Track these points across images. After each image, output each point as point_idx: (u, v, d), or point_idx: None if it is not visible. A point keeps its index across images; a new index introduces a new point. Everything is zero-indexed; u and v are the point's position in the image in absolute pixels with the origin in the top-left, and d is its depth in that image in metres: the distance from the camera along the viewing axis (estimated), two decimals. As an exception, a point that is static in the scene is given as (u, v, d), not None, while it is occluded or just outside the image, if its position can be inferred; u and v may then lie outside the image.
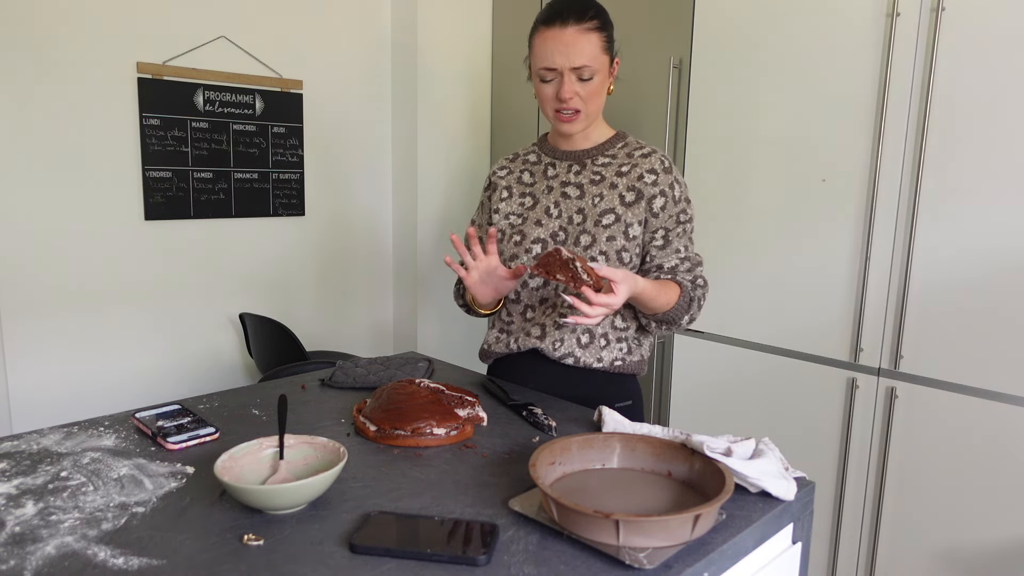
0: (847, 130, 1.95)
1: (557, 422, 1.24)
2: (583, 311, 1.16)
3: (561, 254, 1.16)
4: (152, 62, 2.39)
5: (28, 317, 2.26)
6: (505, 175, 1.54)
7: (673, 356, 2.40)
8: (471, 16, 2.98)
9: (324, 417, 1.25)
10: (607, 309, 1.17)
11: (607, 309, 1.17)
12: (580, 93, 1.35)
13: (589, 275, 1.15)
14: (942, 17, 1.76)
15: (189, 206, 2.52)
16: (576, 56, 1.32)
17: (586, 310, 1.16)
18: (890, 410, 1.93)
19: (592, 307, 1.16)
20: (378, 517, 0.88)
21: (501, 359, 1.54)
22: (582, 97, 1.36)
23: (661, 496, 0.94)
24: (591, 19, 1.33)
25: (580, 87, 1.35)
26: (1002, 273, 1.73)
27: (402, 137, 3.00)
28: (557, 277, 1.15)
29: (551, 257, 1.16)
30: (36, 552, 0.80)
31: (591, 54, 1.32)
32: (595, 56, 1.33)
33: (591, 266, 1.17)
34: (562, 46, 1.32)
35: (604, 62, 1.36)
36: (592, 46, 1.33)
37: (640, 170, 1.41)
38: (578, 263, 1.15)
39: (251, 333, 2.58)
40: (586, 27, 1.32)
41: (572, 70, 1.33)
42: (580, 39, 1.31)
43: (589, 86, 1.35)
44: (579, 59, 1.32)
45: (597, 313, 1.16)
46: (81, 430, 1.16)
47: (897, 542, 1.95)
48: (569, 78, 1.34)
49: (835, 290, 2.01)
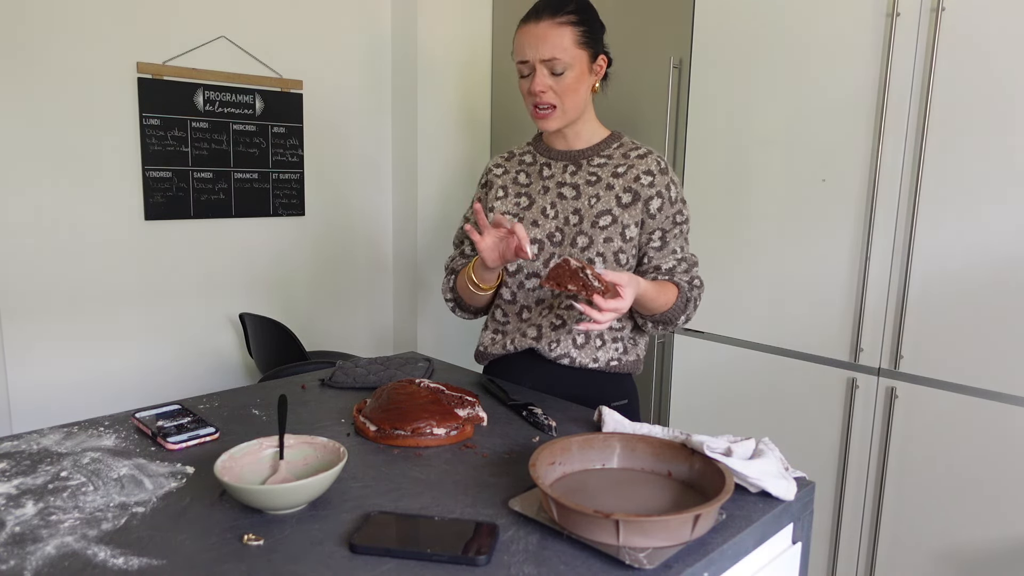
0: (847, 130, 1.95)
1: (557, 422, 1.24)
2: (594, 317, 1.16)
3: (570, 264, 1.16)
4: (152, 62, 2.39)
5: (28, 317, 2.26)
6: (501, 174, 1.54)
7: (673, 356, 2.40)
8: (471, 16, 2.98)
9: (324, 417, 1.25)
10: (616, 313, 1.17)
11: (616, 313, 1.17)
12: (553, 87, 1.35)
13: (599, 281, 1.15)
14: (942, 17, 1.76)
15: (189, 206, 2.52)
16: (546, 49, 1.32)
17: (596, 316, 1.15)
18: (890, 410, 1.93)
19: (602, 312, 1.16)
20: (378, 517, 0.88)
21: (497, 360, 1.54)
22: (556, 92, 1.35)
23: (661, 496, 0.94)
24: (567, 13, 1.33)
25: (552, 81, 1.35)
26: (1002, 273, 1.73)
27: (402, 137, 3.00)
28: (569, 288, 1.15)
29: (560, 269, 1.16)
30: (36, 552, 0.80)
31: (562, 47, 1.32)
32: (566, 49, 1.33)
33: (599, 272, 1.17)
34: (533, 39, 1.33)
35: (579, 56, 1.35)
36: (564, 39, 1.32)
37: (636, 171, 1.41)
38: (588, 271, 1.15)
39: (251, 333, 2.58)
40: (559, 21, 1.32)
41: (542, 63, 1.33)
42: (551, 32, 1.32)
43: (562, 81, 1.35)
44: (548, 51, 1.32)
45: (607, 318, 1.17)
46: (81, 430, 1.16)
47: (897, 542, 1.95)
48: (540, 72, 1.34)
49: (835, 290, 2.01)
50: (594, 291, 1.14)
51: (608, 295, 1.16)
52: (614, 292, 1.17)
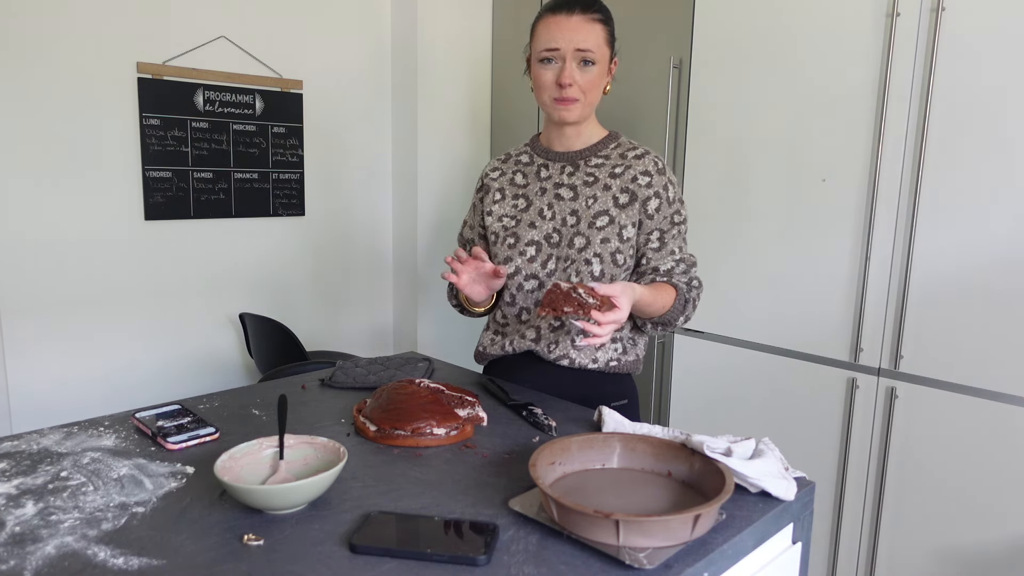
0: (847, 130, 1.95)
1: (557, 422, 1.24)
2: (594, 332, 1.15)
3: (560, 287, 1.16)
4: (152, 62, 2.39)
5: (28, 317, 2.26)
6: (498, 176, 1.54)
7: (673, 356, 2.40)
8: (471, 16, 2.98)
9: (324, 417, 1.25)
10: (616, 324, 1.17)
11: (616, 324, 1.17)
12: (579, 82, 1.36)
13: (593, 296, 1.15)
14: (942, 17, 1.76)
15: (189, 206, 2.52)
16: (582, 40, 1.34)
17: (597, 331, 1.15)
18: (890, 410, 1.93)
19: (602, 326, 1.16)
20: (378, 517, 0.88)
21: (496, 360, 1.54)
22: (581, 87, 1.36)
23: (661, 496, 0.94)
24: (597, 11, 1.37)
25: (580, 75, 1.36)
26: (1002, 273, 1.73)
27: (402, 137, 3.00)
28: (565, 311, 1.15)
29: (553, 294, 1.16)
30: (36, 552, 0.80)
31: (595, 42, 1.35)
32: (599, 45, 1.36)
33: (591, 286, 1.17)
34: (568, 31, 1.34)
35: (606, 55, 1.38)
36: (596, 35, 1.35)
37: (634, 172, 1.41)
38: (580, 290, 1.15)
39: (251, 333, 2.58)
40: (592, 17, 1.35)
41: (577, 51, 1.34)
42: (585, 26, 1.34)
43: (589, 75, 1.36)
44: (584, 43, 1.34)
45: (608, 331, 1.16)
46: (81, 430, 1.16)
47: (897, 542, 1.95)
48: (571, 63, 1.35)
49: (835, 290, 2.01)
50: (591, 308, 1.14)
51: (604, 308, 1.16)
52: (610, 304, 1.17)
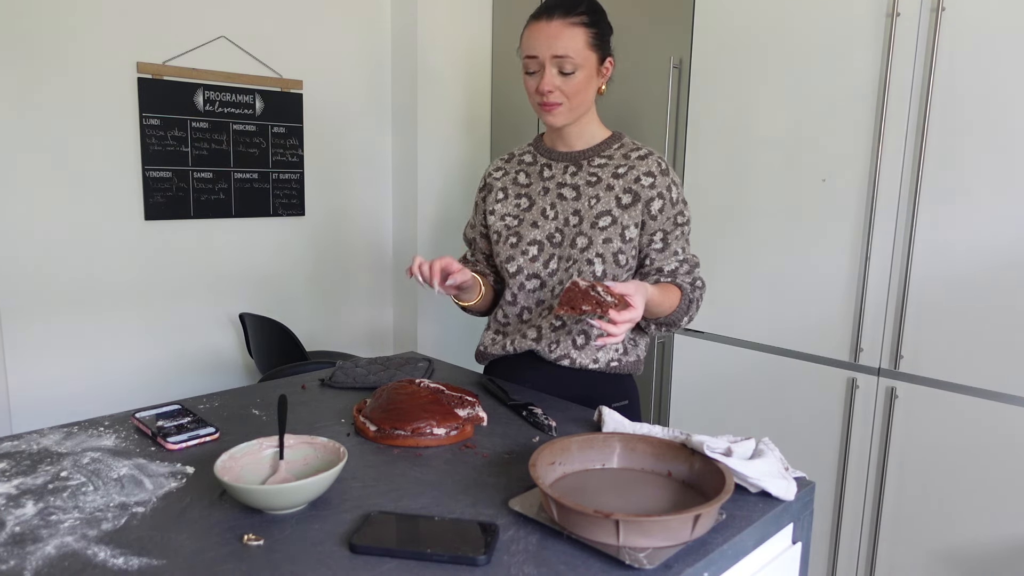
0: (847, 130, 1.95)
1: (557, 422, 1.24)
2: (610, 331, 1.15)
3: (579, 285, 1.15)
4: (152, 62, 2.38)
5: (28, 317, 2.26)
6: (500, 176, 1.54)
7: (673, 356, 2.40)
8: (471, 16, 2.98)
9: (324, 417, 1.25)
10: (631, 323, 1.17)
11: (631, 323, 1.17)
12: (561, 88, 1.35)
13: (610, 295, 1.15)
14: (942, 17, 1.76)
15: (189, 206, 2.52)
16: (558, 46, 1.32)
17: (612, 330, 1.15)
18: (890, 410, 1.93)
19: (618, 325, 1.15)
20: (378, 517, 0.88)
21: (497, 360, 1.54)
22: (564, 92, 1.35)
23: (661, 496, 0.94)
24: (579, 14, 1.33)
25: (561, 81, 1.34)
26: (1002, 272, 1.73)
27: (402, 137, 3.00)
28: (584, 309, 1.13)
29: (572, 292, 1.15)
30: (36, 552, 0.80)
31: (574, 47, 1.32)
32: (578, 50, 1.33)
33: (607, 285, 1.17)
34: (544, 36, 1.33)
35: (589, 58, 1.35)
36: (575, 40, 1.33)
37: (637, 172, 1.41)
38: (598, 288, 1.15)
39: (251, 333, 2.58)
40: (571, 21, 1.33)
41: (553, 59, 1.33)
42: (564, 31, 1.32)
43: (571, 81, 1.34)
44: (560, 49, 1.32)
45: (623, 330, 1.16)
46: (81, 430, 1.16)
47: (897, 542, 1.95)
48: (550, 70, 1.33)
49: (835, 290, 2.01)
50: (608, 307, 1.14)
51: (619, 306, 1.15)
52: (624, 303, 1.17)
